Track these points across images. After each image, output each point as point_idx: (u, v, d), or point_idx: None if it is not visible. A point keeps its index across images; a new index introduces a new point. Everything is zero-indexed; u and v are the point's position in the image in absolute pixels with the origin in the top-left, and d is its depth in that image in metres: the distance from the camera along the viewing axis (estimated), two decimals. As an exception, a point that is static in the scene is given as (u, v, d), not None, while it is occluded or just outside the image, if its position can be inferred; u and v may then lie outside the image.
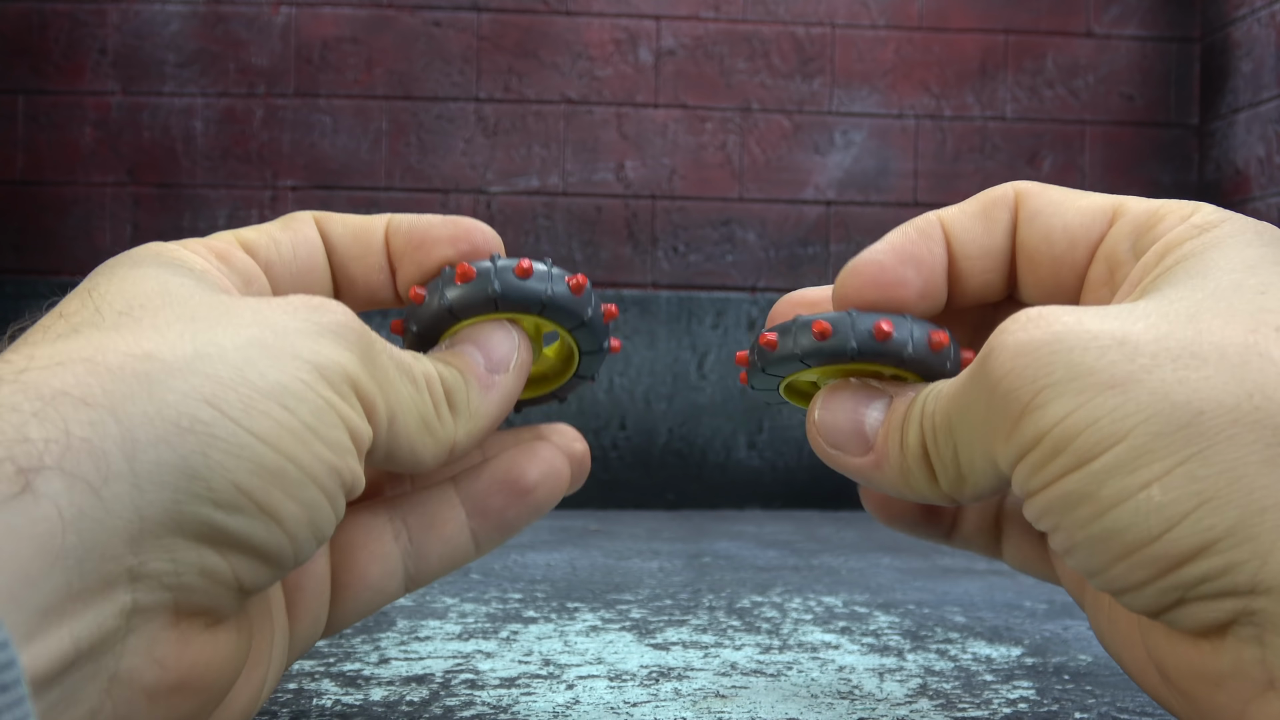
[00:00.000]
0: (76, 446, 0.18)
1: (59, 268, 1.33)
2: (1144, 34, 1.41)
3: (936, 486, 0.24)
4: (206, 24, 1.34)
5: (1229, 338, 0.20)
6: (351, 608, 0.28)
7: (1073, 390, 0.20)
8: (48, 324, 0.21)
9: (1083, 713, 0.37)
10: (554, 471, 0.29)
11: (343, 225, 0.29)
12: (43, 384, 0.18)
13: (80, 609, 0.17)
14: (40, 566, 0.17)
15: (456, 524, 0.28)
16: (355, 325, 0.23)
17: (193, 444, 0.19)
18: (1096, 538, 0.20)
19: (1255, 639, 0.19)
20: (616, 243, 1.37)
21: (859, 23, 1.38)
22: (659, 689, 0.40)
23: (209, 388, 0.19)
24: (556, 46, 1.36)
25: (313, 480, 0.21)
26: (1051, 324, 0.21)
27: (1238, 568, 0.18)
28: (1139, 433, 0.19)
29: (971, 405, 0.22)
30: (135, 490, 0.18)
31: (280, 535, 0.20)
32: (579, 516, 1.15)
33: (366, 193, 1.36)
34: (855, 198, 1.38)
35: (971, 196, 0.27)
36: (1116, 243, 0.25)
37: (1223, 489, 0.18)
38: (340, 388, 0.22)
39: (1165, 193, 1.41)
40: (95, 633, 0.18)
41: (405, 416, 0.24)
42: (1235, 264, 0.22)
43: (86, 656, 0.18)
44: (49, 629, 0.17)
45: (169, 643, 0.19)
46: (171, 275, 0.23)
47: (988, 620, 0.55)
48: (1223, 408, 0.19)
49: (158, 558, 0.18)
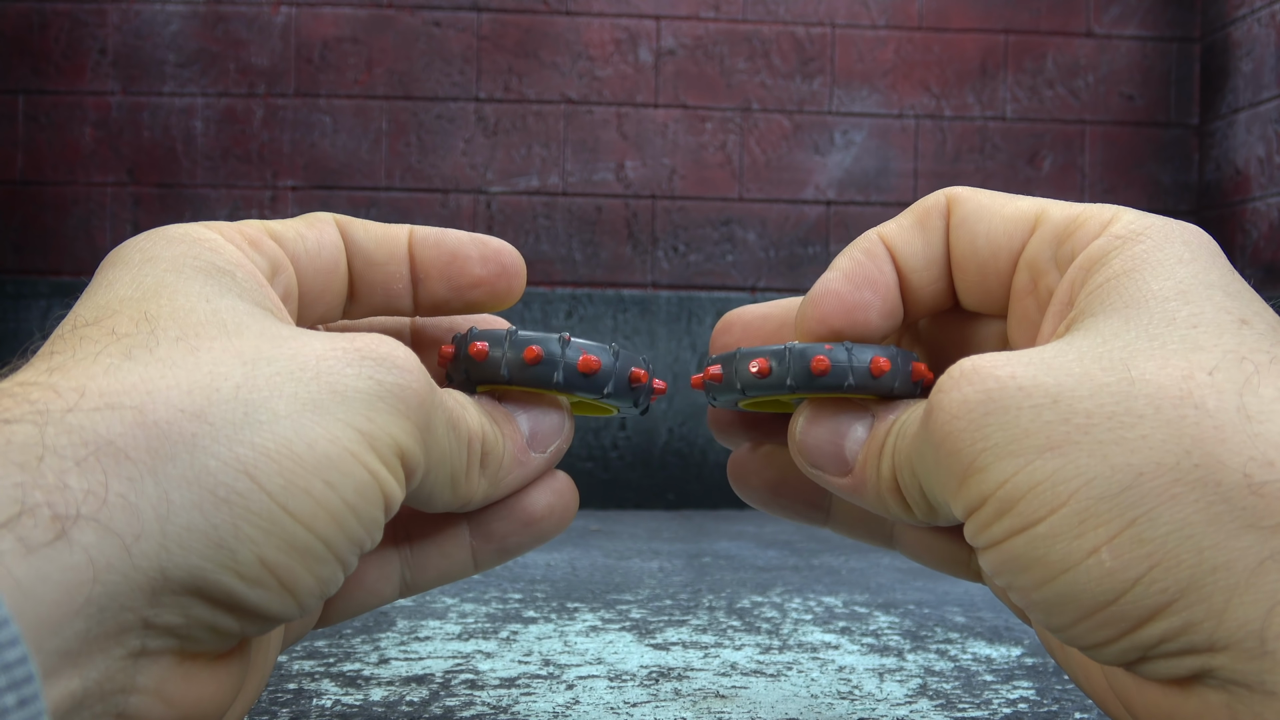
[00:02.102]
0: (114, 502, 0.18)
1: (59, 268, 1.33)
2: (1144, 34, 1.40)
3: (913, 514, 0.25)
4: (206, 24, 1.34)
5: (1163, 388, 0.20)
6: (343, 606, 0.28)
7: (1010, 453, 0.20)
8: (98, 340, 0.20)
9: (1083, 713, 0.37)
10: (563, 503, 0.29)
11: (365, 230, 0.28)
12: (89, 429, 0.18)
13: (93, 653, 0.18)
14: (65, 613, 0.17)
15: (458, 540, 0.28)
16: (418, 387, 0.22)
17: (225, 515, 0.19)
18: (1052, 601, 0.20)
19: (1220, 687, 0.19)
20: (616, 243, 1.37)
21: (859, 23, 1.38)
22: (659, 689, 0.40)
23: (251, 458, 0.19)
24: (556, 46, 1.36)
25: (336, 557, 0.21)
26: (985, 381, 0.21)
27: (1195, 627, 0.18)
28: (1081, 496, 0.19)
29: (924, 455, 0.22)
30: (163, 550, 0.18)
31: (293, 605, 0.20)
32: (579, 516, 1.15)
33: (366, 192, 1.36)
34: (855, 198, 1.38)
35: (908, 207, 0.27)
36: (1038, 251, 0.25)
37: (1171, 550, 0.18)
38: (388, 459, 0.21)
39: (1165, 192, 1.41)
40: (104, 674, 0.18)
41: (438, 471, 0.24)
42: (1167, 290, 0.21)
43: (95, 697, 0.18)
44: (64, 671, 0.17)
45: (175, 680, 0.20)
46: (221, 295, 0.22)
47: (988, 620, 0.55)
48: (1162, 467, 0.19)
49: (172, 612, 0.19)
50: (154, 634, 0.19)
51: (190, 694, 0.20)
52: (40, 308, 1.31)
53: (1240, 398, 0.19)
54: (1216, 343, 0.20)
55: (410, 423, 0.22)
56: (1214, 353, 0.20)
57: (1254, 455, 0.18)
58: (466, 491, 0.25)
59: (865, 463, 0.25)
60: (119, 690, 0.19)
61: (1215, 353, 0.20)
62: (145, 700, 0.19)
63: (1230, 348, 0.20)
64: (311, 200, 1.35)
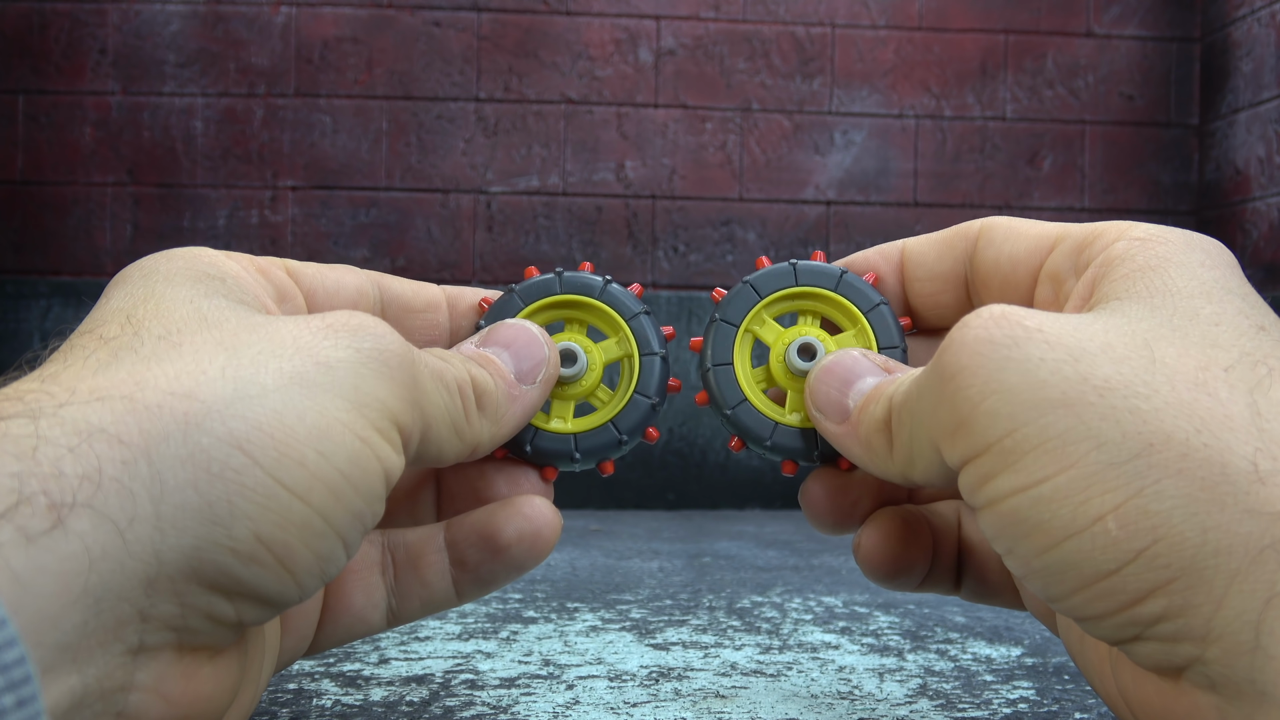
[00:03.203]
0: (108, 486, 0.18)
1: (59, 268, 1.33)
2: (1144, 34, 1.41)
3: (892, 462, 0.25)
4: (206, 24, 1.34)
5: (1180, 371, 0.20)
6: (332, 631, 0.28)
7: (1022, 402, 0.20)
8: (86, 346, 0.21)
9: (1083, 713, 0.37)
10: (533, 532, 0.27)
11: (400, 283, 0.29)
12: (81, 419, 0.18)
13: (93, 648, 0.18)
14: (63, 605, 0.17)
15: (439, 569, 0.28)
16: (398, 349, 0.22)
17: (220, 490, 0.19)
18: (1052, 568, 0.20)
19: (1209, 687, 0.19)
20: (617, 243, 1.37)
21: (859, 23, 1.38)
22: (659, 689, 0.40)
23: (244, 431, 0.19)
24: (556, 46, 1.36)
25: (335, 531, 0.21)
26: (1011, 325, 0.21)
27: (1193, 610, 0.18)
28: (1090, 460, 0.19)
29: (925, 392, 0.22)
30: (157, 533, 0.18)
31: (291, 584, 0.20)
32: (579, 516, 1.15)
33: (366, 192, 1.36)
34: (855, 198, 1.38)
35: None
36: (1058, 262, 0.26)
37: (1177, 525, 0.18)
38: (380, 424, 0.21)
39: (1165, 192, 1.41)
40: (103, 671, 0.18)
41: (439, 425, 0.24)
42: (1193, 288, 0.22)
43: (95, 695, 0.18)
44: (63, 667, 0.17)
45: (175, 678, 0.20)
46: (206, 296, 0.23)
47: (988, 620, 0.55)
48: (1173, 441, 0.19)
49: (167, 601, 0.19)
50: (152, 628, 0.19)
51: (189, 691, 0.20)
52: (40, 308, 1.31)
53: (1251, 395, 0.19)
54: (1235, 343, 0.21)
55: (396, 385, 0.22)
56: (1231, 352, 0.20)
57: (1261, 447, 0.19)
58: (472, 436, 0.26)
59: (863, 410, 0.26)
60: (118, 688, 0.19)
61: (1233, 352, 0.20)
62: (145, 698, 0.19)
63: (1247, 350, 0.20)
64: (311, 200, 1.35)
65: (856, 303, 0.29)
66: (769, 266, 0.30)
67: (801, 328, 0.30)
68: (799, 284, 0.30)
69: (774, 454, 0.29)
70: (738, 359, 0.29)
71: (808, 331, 0.29)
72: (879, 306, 0.29)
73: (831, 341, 0.29)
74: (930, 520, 0.29)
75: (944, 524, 0.30)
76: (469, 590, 0.28)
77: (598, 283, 0.30)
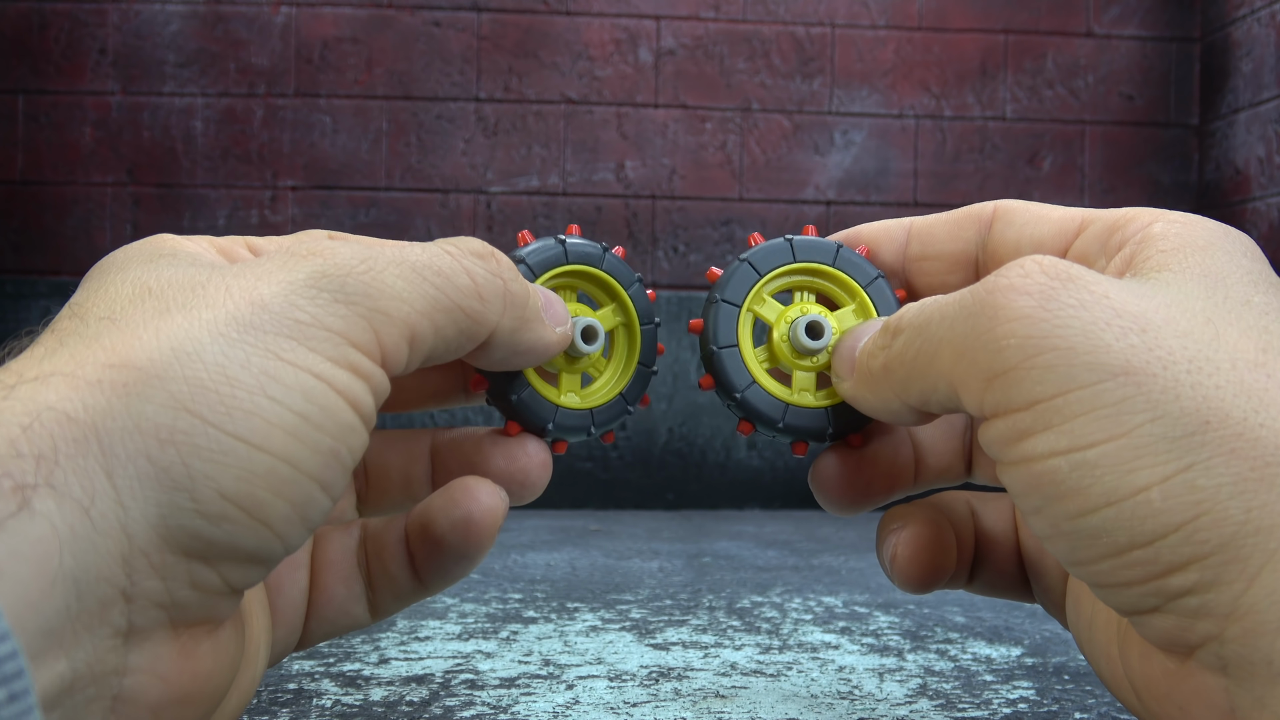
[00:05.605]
0: (64, 464, 0.17)
1: (59, 268, 1.33)
2: (1144, 34, 1.40)
3: (890, 383, 0.24)
4: (206, 24, 1.34)
5: (1242, 352, 0.20)
6: (318, 624, 0.27)
7: (1083, 364, 0.19)
8: (40, 342, 0.21)
9: (1083, 713, 0.37)
10: (464, 520, 0.25)
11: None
12: (28, 398, 0.18)
13: (79, 632, 0.17)
14: (40, 589, 0.16)
15: (400, 559, 0.27)
16: (339, 262, 0.21)
17: (173, 455, 0.18)
18: (1084, 532, 0.20)
19: (1220, 668, 0.19)
20: (616, 242, 1.37)
21: (859, 23, 1.38)
22: (659, 689, 0.40)
23: (187, 392, 0.19)
24: (556, 46, 1.36)
25: (307, 475, 0.20)
26: (1077, 284, 0.20)
27: (1223, 586, 0.18)
28: (1144, 431, 0.19)
29: (955, 324, 0.22)
30: (120, 508, 0.18)
31: (270, 536, 0.20)
32: (579, 516, 1.15)
33: (366, 193, 1.36)
34: (855, 198, 1.38)
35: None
36: (1087, 245, 0.25)
37: (1222, 502, 0.18)
38: (333, 352, 0.20)
39: (1165, 192, 1.41)
40: (93, 656, 0.18)
41: (436, 317, 0.22)
42: (1240, 275, 0.22)
43: (86, 680, 0.18)
44: (50, 652, 0.17)
45: (171, 657, 0.19)
46: (152, 270, 0.22)
47: (988, 620, 0.55)
48: (1229, 420, 0.19)
49: (148, 576, 0.18)
50: (140, 609, 0.18)
51: (186, 670, 0.20)
52: (40, 307, 1.31)
53: None
54: None
55: (342, 305, 0.20)
56: None
57: None
58: (488, 317, 0.23)
59: (868, 351, 0.25)
60: (111, 672, 0.18)
61: None
62: (141, 680, 0.19)
63: None
64: (311, 200, 1.35)
65: (855, 277, 0.29)
66: (764, 243, 0.30)
67: (800, 305, 0.30)
68: (796, 260, 0.29)
69: (786, 435, 0.29)
70: (742, 340, 0.29)
71: (809, 309, 0.29)
72: (877, 280, 0.29)
73: (834, 318, 0.29)
74: (950, 517, 0.29)
75: (959, 519, 0.29)
76: (432, 582, 0.27)
77: (598, 251, 0.29)
